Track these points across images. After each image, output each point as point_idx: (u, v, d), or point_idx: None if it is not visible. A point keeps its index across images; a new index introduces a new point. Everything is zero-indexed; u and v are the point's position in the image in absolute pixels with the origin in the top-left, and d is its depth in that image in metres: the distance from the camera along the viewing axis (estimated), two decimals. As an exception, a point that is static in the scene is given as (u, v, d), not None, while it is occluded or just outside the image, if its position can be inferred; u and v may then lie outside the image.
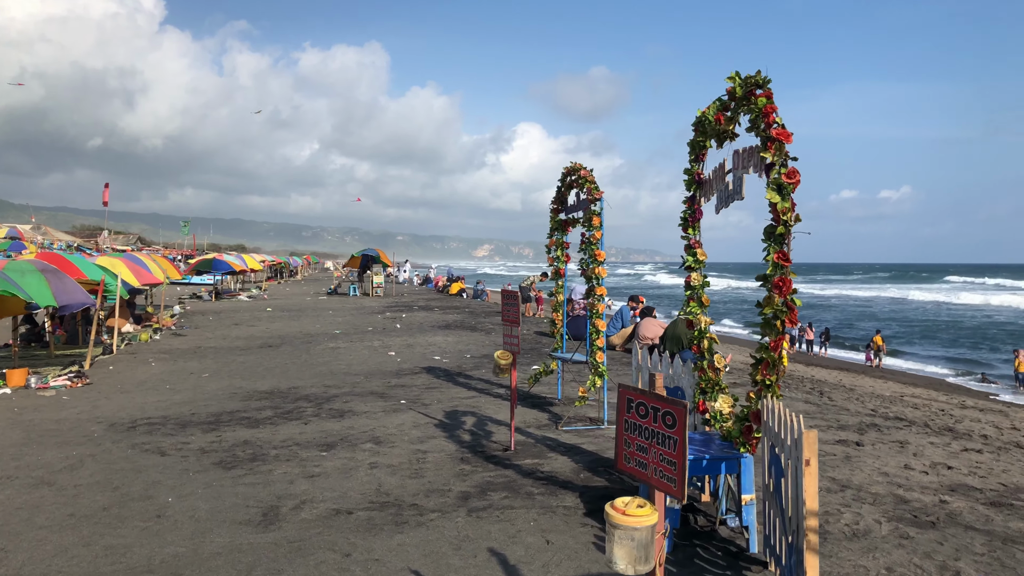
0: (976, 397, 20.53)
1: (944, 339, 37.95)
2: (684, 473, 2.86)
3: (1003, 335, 39.75)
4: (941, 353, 33.05)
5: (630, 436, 3.20)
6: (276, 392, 11.83)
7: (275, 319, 25.34)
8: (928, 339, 38.07)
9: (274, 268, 63.14)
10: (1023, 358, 25.47)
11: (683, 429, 2.89)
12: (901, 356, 31.76)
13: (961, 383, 24.64)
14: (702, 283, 6.32)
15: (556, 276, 10.81)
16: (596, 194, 9.13)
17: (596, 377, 9.09)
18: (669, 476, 2.95)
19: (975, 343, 36.62)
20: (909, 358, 31.44)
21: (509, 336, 8.20)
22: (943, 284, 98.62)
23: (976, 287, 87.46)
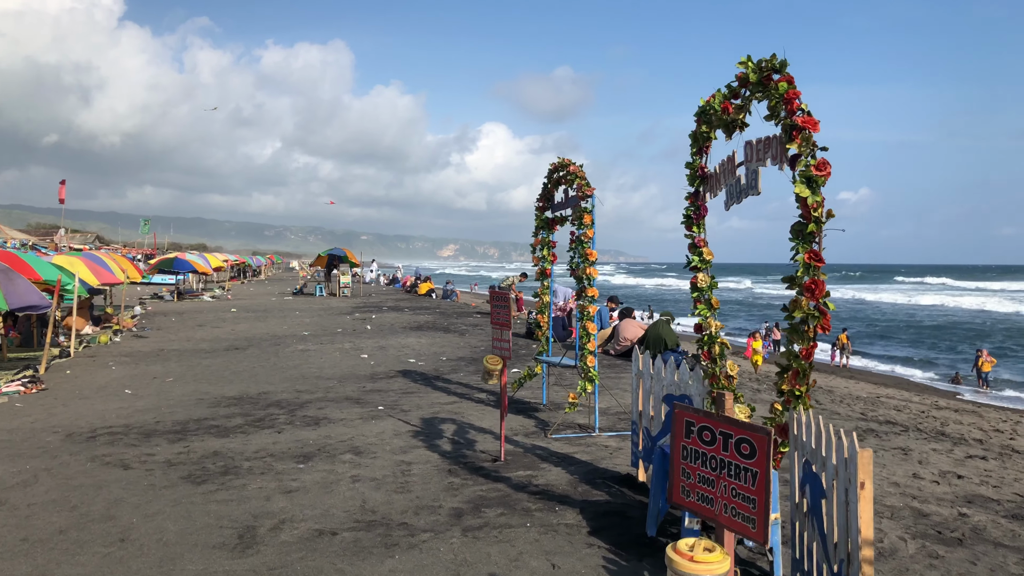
0: (945, 397, 20.47)
1: (903, 339, 38.58)
2: (766, 511, 2.43)
3: (961, 334, 40.59)
4: (902, 353, 33.56)
5: (690, 466, 2.75)
6: (245, 398, 11.25)
7: (240, 320, 24.61)
8: (887, 339, 38.63)
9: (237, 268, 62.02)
10: (986, 357, 25.84)
11: (766, 460, 2.45)
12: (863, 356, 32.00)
13: (926, 382, 24.82)
14: (710, 284, 5.92)
15: (542, 276, 10.38)
16: (587, 190, 8.71)
17: (587, 382, 8.66)
18: (745, 515, 2.51)
19: (933, 343, 37.22)
20: (871, 357, 31.80)
21: (499, 340, 7.74)
22: (892, 284, 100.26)
23: (925, 288, 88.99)
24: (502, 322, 7.64)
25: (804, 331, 4.38)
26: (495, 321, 7.78)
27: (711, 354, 5.77)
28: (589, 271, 8.65)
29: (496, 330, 7.81)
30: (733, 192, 5.38)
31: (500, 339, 7.70)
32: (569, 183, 9.30)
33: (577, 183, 8.86)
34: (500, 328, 7.69)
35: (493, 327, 7.88)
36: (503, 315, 7.63)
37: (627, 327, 16.22)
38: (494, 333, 7.87)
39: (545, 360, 10.03)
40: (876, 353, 32.95)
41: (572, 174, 9.05)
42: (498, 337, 7.76)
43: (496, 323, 7.76)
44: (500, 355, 7.67)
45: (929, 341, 37.80)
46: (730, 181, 5.44)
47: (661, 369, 6.51)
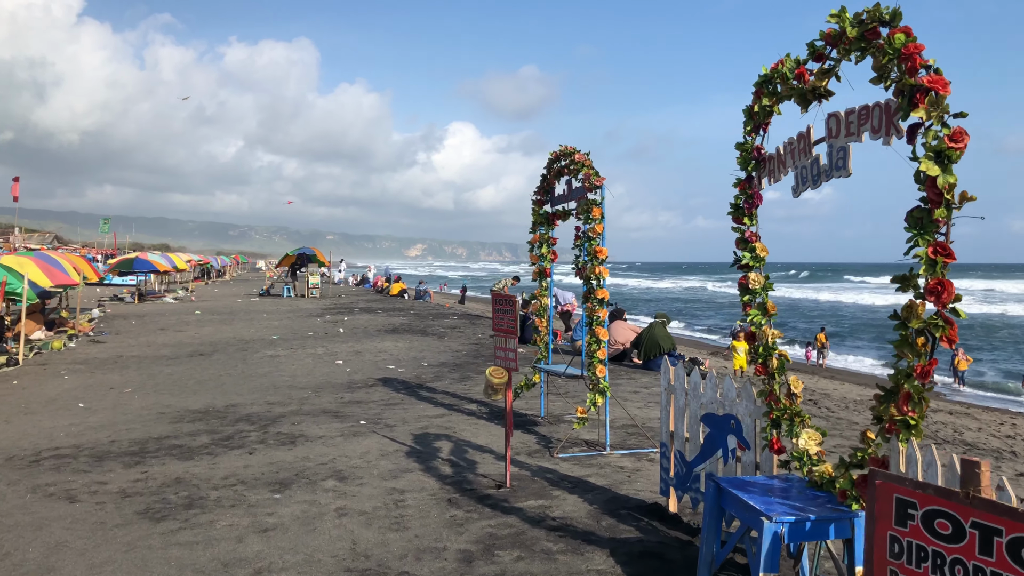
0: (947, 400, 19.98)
1: (866, 337, 38.93)
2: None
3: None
4: (868, 350, 33.61)
5: (903, 567, 1.83)
6: (212, 411, 10.21)
7: (205, 323, 23.42)
8: (854, 336, 38.96)
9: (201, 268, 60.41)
10: (962, 356, 25.70)
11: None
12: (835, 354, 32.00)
13: None
14: (764, 285, 5.05)
15: (541, 276, 9.47)
16: (596, 180, 7.81)
17: (596, 395, 7.77)
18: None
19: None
20: (841, 355, 31.92)
21: (504, 349, 6.82)
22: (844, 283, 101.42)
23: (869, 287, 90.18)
24: (507, 329, 6.71)
25: (920, 344, 3.51)
26: (499, 328, 6.85)
27: (767, 368, 4.89)
28: (599, 270, 7.76)
29: (499, 337, 6.88)
30: (808, 175, 4.50)
31: (505, 348, 6.78)
32: (573, 173, 8.41)
33: (584, 173, 7.96)
34: (505, 336, 6.76)
35: (496, 335, 6.94)
36: (508, 321, 6.70)
37: (618, 329, 15.38)
38: (497, 342, 6.94)
39: (546, 369, 9.12)
40: (845, 352, 32.98)
41: (577, 163, 8.16)
42: (502, 347, 6.84)
43: (500, 330, 6.83)
44: (505, 367, 6.74)
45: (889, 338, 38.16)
46: (802, 162, 4.57)
47: (699, 384, 5.62)
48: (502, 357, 6.82)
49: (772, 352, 4.87)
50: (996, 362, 31.14)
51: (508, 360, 6.71)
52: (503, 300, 6.77)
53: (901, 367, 3.63)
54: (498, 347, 6.90)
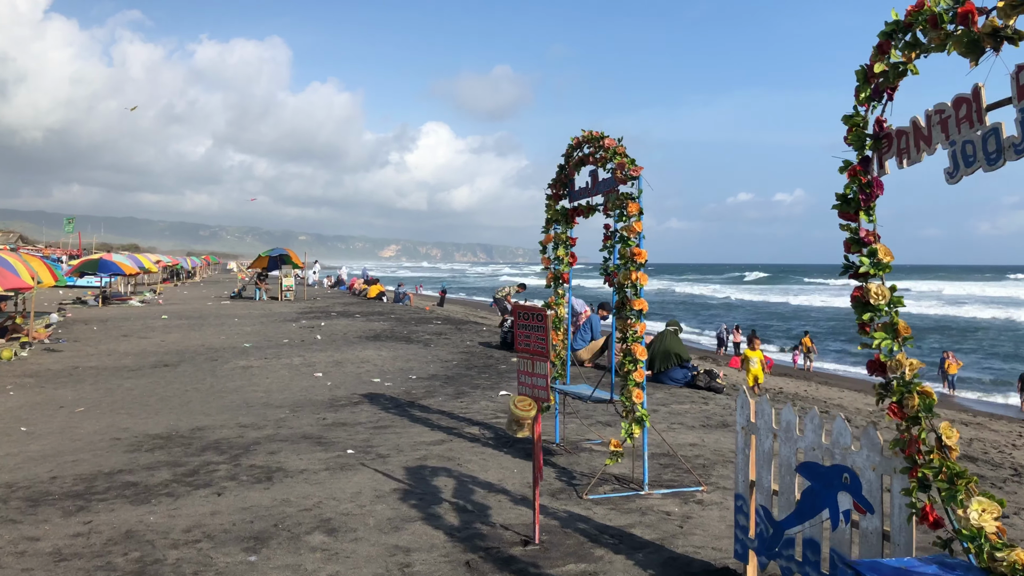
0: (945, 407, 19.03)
1: (844, 338, 39.15)
2: None
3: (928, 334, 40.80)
4: (846, 352, 33.63)
5: None
6: (174, 436, 8.88)
7: (172, 328, 21.95)
8: (832, 338, 39.05)
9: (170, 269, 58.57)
10: (952, 360, 25.09)
11: None
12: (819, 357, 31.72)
13: None
14: (891, 299, 3.85)
15: (555, 282, 8.24)
16: (632, 171, 6.60)
17: (634, 424, 6.55)
18: None
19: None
20: (824, 359, 31.57)
21: (530, 375, 5.57)
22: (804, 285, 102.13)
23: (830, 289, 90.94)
24: (535, 350, 5.47)
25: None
26: (524, 349, 5.60)
27: (902, 408, 3.70)
28: (635, 276, 6.55)
29: (524, 360, 5.64)
30: (977, 152, 3.32)
31: (532, 373, 5.53)
32: (600, 163, 7.19)
33: (617, 162, 6.74)
34: (532, 359, 5.51)
35: (520, 357, 5.69)
36: (536, 340, 5.45)
37: (622, 338, 14.17)
38: (521, 365, 5.69)
39: (566, 391, 7.89)
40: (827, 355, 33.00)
41: (607, 150, 6.94)
42: (528, 371, 5.59)
43: (526, 352, 5.58)
44: (534, 396, 5.50)
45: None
46: (964, 136, 3.38)
47: (794, 423, 4.42)
48: (529, 384, 5.57)
49: (912, 388, 3.68)
50: (977, 364, 30.86)
51: (537, 388, 5.47)
52: (529, 314, 5.52)
53: None
54: (523, 371, 5.65)
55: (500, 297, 21.03)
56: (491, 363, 15.32)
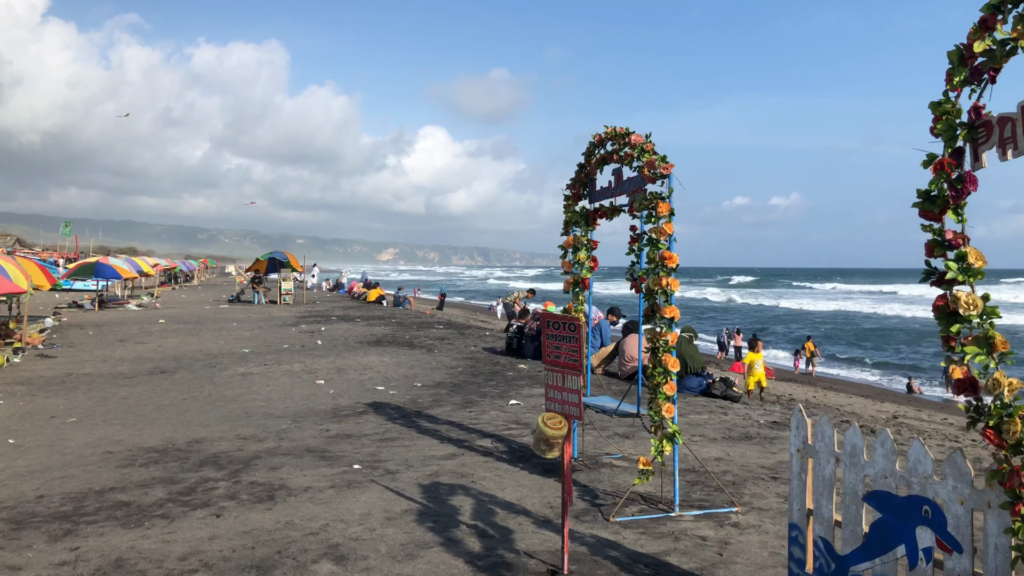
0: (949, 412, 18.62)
1: (845, 342, 39.21)
2: None
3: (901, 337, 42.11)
4: (857, 357, 34.03)
5: None
6: (171, 449, 8.41)
7: (169, 333, 21.48)
8: (830, 342, 39.16)
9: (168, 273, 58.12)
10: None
11: None
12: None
13: (892, 389, 24.75)
14: (984, 310, 3.39)
15: (576, 288, 7.77)
16: (663, 168, 6.14)
17: (664, 441, 6.09)
18: None
19: (876, 346, 38.31)
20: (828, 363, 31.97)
21: (560, 389, 5.10)
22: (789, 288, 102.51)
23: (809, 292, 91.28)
24: (566, 363, 5.00)
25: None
26: (555, 362, 5.13)
27: (1002, 434, 3.24)
28: (666, 282, 6.09)
29: (554, 372, 5.17)
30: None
31: (563, 388, 5.06)
32: (625, 161, 6.74)
33: (646, 159, 6.29)
34: (563, 372, 5.04)
35: (549, 370, 5.22)
36: (569, 352, 4.98)
37: (632, 344, 13.73)
38: (550, 379, 5.22)
39: (587, 402, 7.41)
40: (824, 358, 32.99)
41: (634, 147, 6.49)
42: (558, 385, 5.12)
43: (556, 364, 5.11)
44: (565, 414, 5.04)
45: (871, 344, 38.93)
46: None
47: (860, 447, 3.96)
48: (559, 400, 5.10)
49: (1014, 412, 3.22)
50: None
51: (569, 405, 5.00)
52: (561, 323, 5.05)
53: None
54: (553, 386, 5.18)
55: (509, 302, 20.54)
56: (497, 370, 14.86)
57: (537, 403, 11.22)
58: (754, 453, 8.40)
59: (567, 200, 7.81)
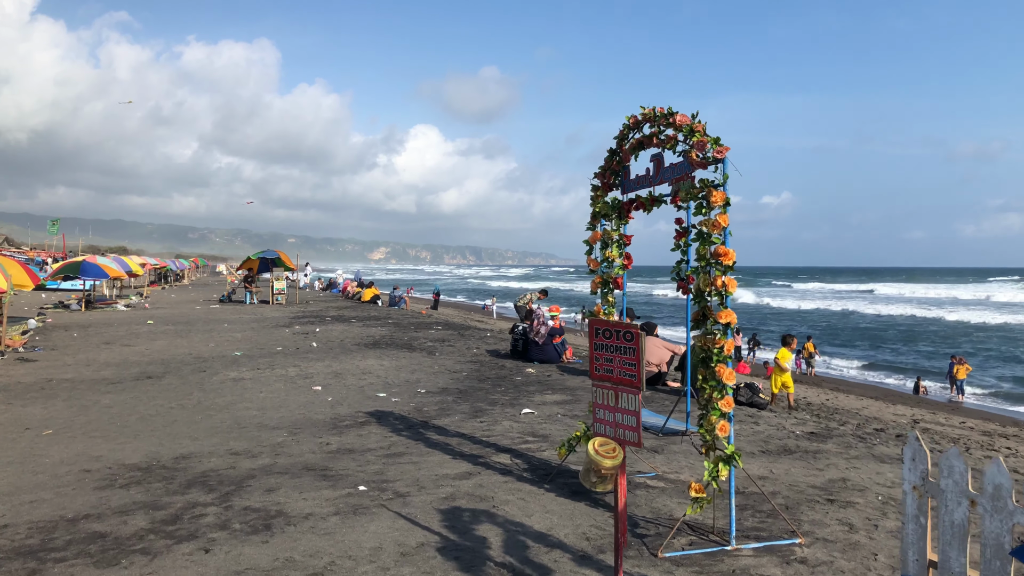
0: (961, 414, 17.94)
1: (842, 342, 38.57)
2: None
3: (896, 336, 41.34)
4: (858, 355, 33.10)
5: None
6: (155, 467, 7.60)
7: (157, 335, 20.62)
8: (824, 342, 38.57)
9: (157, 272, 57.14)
10: (960, 364, 24.25)
11: None
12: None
13: (896, 389, 24.24)
14: None
15: (604, 287, 6.97)
16: (717, 152, 5.36)
17: (721, 464, 5.31)
18: None
19: (874, 345, 37.52)
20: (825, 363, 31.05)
21: (612, 409, 4.32)
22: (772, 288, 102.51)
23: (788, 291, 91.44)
24: (620, 379, 4.22)
25: None
26: (604, 376, 4.35)
27: None
28: (721, 282, 5.31)
29: (604, 389, 4.38)
30: None
31: (615, 408, 4.28)
32: (667, 144, 5.95)
33: (696, 141, 5.50)
34: (616, 389, 4.26)
35: (598, 386, 4.43)
36: (623, 365, 4.20)
37: (651, 347, 12.97)
38: (599, 396, 4.43)
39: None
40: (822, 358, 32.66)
41: (679, 127, 5.70)
42: (609, 405, 4.33)
43: (607, 379, 4.33)
44: (619, 439, 4.25)
45: (868, 343, 38.17)
46: None
47: (1007, 487, 3.18)
48: (610, 422, 4.32)
49: None
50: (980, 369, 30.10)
51: (624, 428, 4.21)
52: (614, 331, 4.26)
53: None
54: (603, 405, 4.39)
55: (521, 304, 19.69)
56: (504, 374, 14.07)
57: (551, 412, 10.44)
58: (799, 470, 7.64)
59: (595, 191, 7.01)
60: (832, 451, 8.55)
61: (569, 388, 12.55)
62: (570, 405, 11.00)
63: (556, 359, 15.64)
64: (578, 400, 11.40)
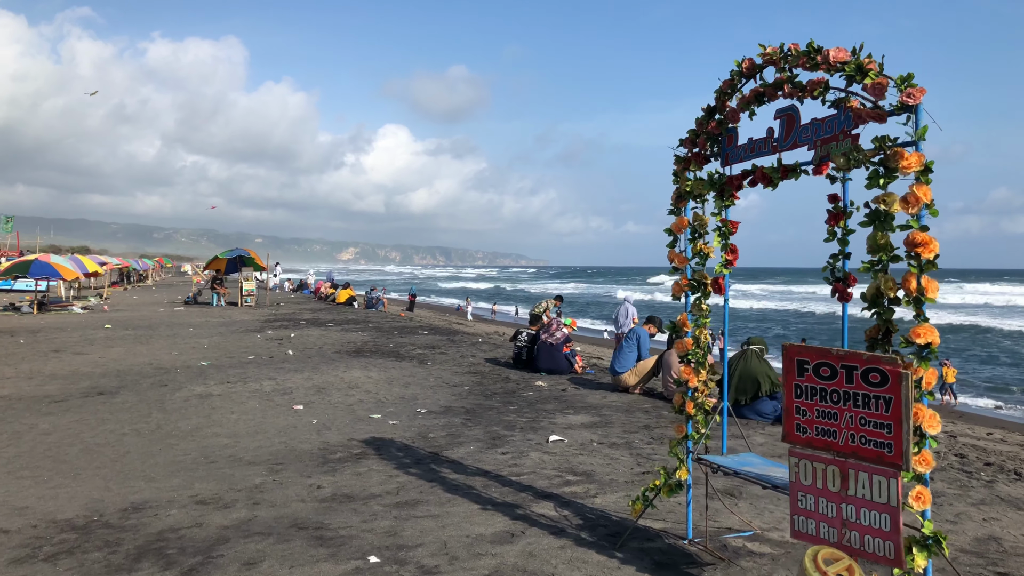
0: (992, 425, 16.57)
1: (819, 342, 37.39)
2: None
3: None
4: None
5: None
6: (95, 526, 5.79)
7: (115, 341, 18.64)
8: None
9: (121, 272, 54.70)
10: (951, 367, 23.19)
11: None
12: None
13: None
14: None
15: (700, 290, 5.25)
16: (908, 95, 3.69)
17: (916, 549, 3.63)
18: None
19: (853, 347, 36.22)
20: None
21: (836, 498, 2.59)
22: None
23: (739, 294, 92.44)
24: (866, 449, 2.52)
25: None
26: (822, 440, 2.66)
27: None
28: (915, 284, 3.64)
29: (821, 469, 2.69)
30: None
31: (843, 498, 2.59)
32: (809, 93, 4.28)
33: (869, 84, 3.83)
34: (851, 466, 2.57)
35: (800, 457, 2.74)
36: (868, 426, 2.51)
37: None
38: (803, 473, 2.73)
39: (728, 466, 4.90)
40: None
41: (832, 67, 4.02)
42: (828, 490, 2.61)
43: (824, 446, 2.64)
44: (852, 551, 2.57)
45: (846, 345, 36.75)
46: None
47: None
48: (831, 519, 2.62)
49: None
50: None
51: (865, 534, 2.52)
52: (845, 368, 2.57)
53: None
54: (812, 488, 2.69)
55: (538, 313, 17.94)
56: (512, 388, 12.35)
57: (584, 439, 8.75)
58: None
59: (680, 164, 5.30)
60: (948, 493, 6.94)
61: (592, 406, 10.86)
62: (602, 430, 9.32)
63: (567, 369, 13.96)
64: (608, 423, 9.72)
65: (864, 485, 2.52)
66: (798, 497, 2.78)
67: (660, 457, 7.95)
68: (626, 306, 17.98)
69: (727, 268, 5.13)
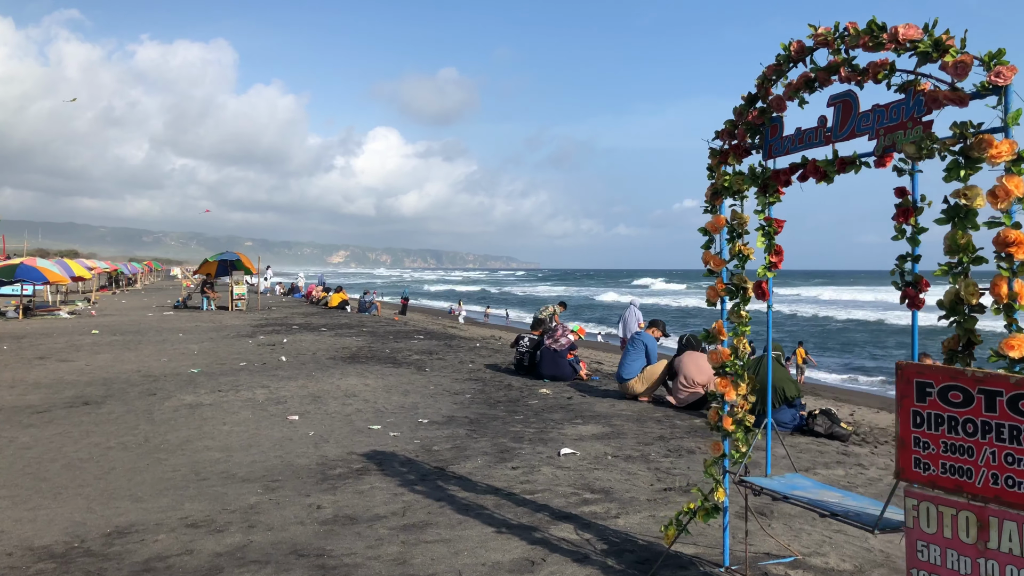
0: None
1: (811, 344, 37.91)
2: None
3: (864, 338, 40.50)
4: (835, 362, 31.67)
5: None
6: (75, 554, 5.30)
7: (102, 347, 18.09)
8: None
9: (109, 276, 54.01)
10: (933, 361, 22.93)
11: None
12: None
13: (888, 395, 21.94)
14: None
15: (738, 295, 4.79)
16: (996, 75, 3.24)
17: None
18: None
19: (845, 347, 36.40)
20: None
21: (974, 551, 2.17)
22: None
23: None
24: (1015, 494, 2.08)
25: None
26: (948, 483, 2.20)
27: None
28: (1006, 291, 3.19)
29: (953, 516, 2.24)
30: None
31: (987, 553, 2.14)
32: (873, 76, 3.83)
33: (950, 64, 3.39)
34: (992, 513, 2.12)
35: (922, 498, 2.29)
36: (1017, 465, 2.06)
37: (693, 364, 10.89)
38: (928, 518, 2.28)
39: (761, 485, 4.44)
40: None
41: (902, 45, 3.58)
42: (961, 541, 2.19)
43: (955, 490, 2.19)
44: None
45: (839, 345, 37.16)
46: None
47: None
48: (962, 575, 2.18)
49: None
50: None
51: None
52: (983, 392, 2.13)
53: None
54: (938, 538, 2.24)
55: (544, 317, 17.45)
56: (515, 396, 11.89)
57: (597, 452, 8.29)
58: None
59: (715, 157, 4.85)
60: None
61: (602, 416, 10.40)
62: (615, 441, 8.86)
63: (571, 376, 13.50)
64: (621, 433, 9.27)
65: (1011, 537, 2.07)
66: (917, 548, 2.32)
67: (679, 472, 7.50)
68: (633, 310, 17.56)
69: (771, 271, 4.67)
